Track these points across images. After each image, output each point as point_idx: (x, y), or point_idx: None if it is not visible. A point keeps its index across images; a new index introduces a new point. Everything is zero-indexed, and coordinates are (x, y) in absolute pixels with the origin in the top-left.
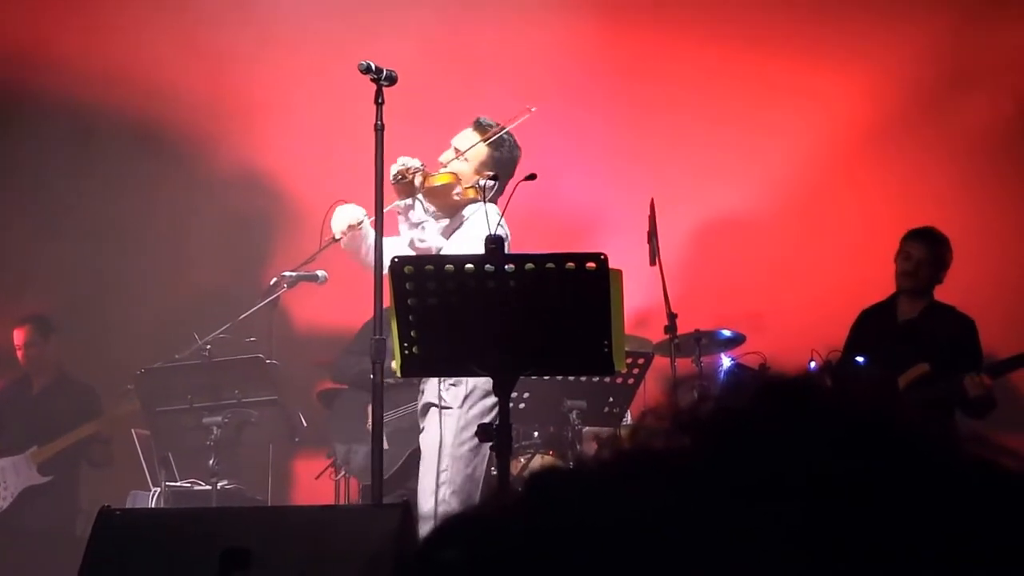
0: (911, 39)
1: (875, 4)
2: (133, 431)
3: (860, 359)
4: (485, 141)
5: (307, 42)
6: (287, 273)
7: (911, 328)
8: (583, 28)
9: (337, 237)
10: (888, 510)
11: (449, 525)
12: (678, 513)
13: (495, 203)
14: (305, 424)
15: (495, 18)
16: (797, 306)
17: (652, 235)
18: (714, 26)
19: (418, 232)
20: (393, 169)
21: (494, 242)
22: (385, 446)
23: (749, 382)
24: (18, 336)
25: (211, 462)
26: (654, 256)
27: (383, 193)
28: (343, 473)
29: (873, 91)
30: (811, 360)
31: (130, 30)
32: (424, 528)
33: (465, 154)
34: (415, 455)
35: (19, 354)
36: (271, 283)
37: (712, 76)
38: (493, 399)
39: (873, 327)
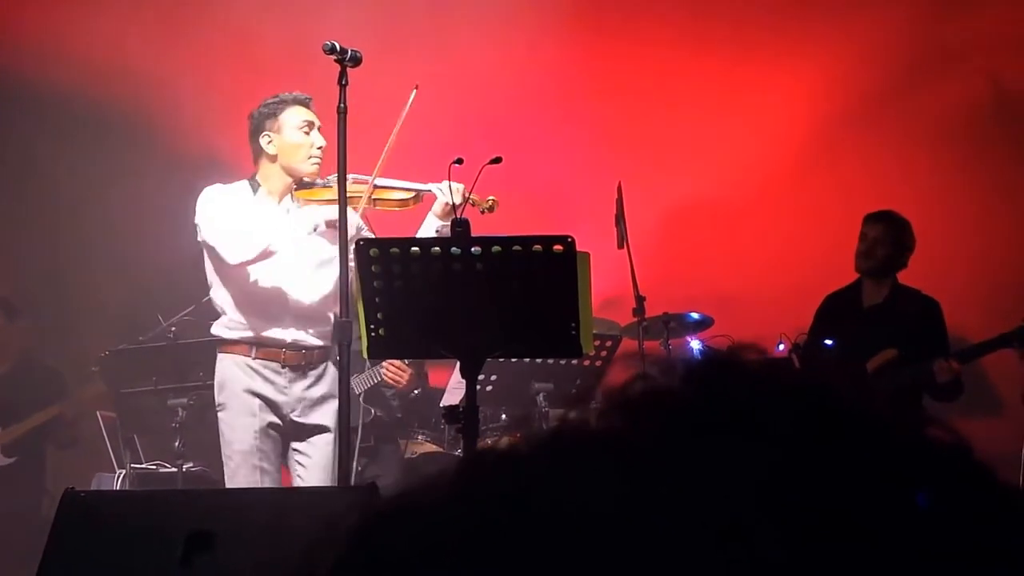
0: (884, 23)
1: None
2: (98, 413)
3: (828, 342)
4: None
5: (274, 21)
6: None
7: (877, 313)
8: (552, 23)
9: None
10: (799, 481)
11: (384, 511)
12: (607, 491)
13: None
14: None
15: (463, 11)
16: (766, 289)
17: (620, 219)
18: (677, 19)
19: None
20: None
21: (460, 224)
22: None
23: (681, 363)
24: None
25: (176, 444)
26: (622, 239)
27: (345, 176)
28: None
29: (845, 76)
30: (779, 343)
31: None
32: None
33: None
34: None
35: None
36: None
37: (681, 60)
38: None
39: (838, 311)
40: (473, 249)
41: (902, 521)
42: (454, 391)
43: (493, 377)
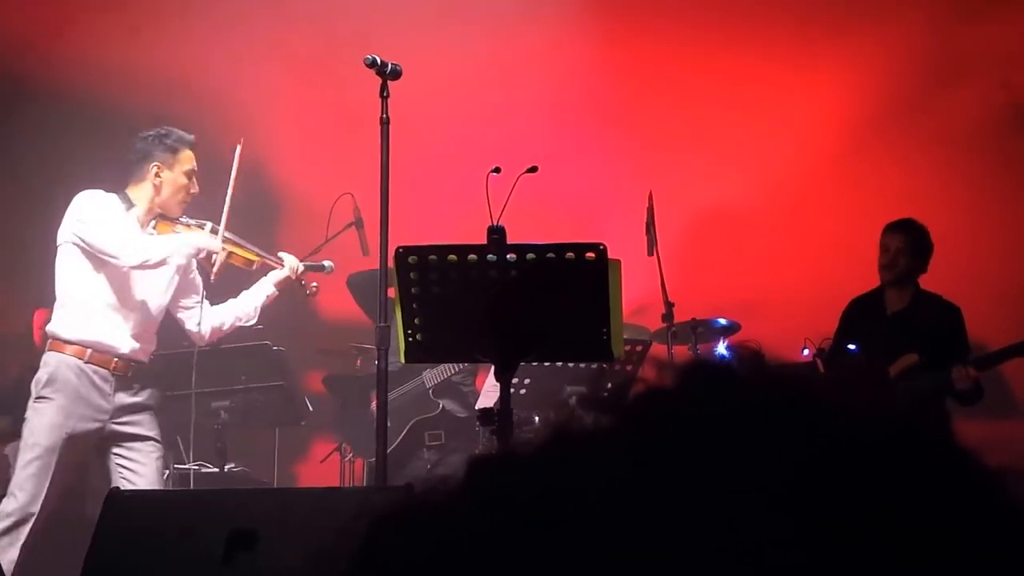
0: (900, 33)
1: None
2: None
3: (852, 347)
4: None
5: (315, 36)
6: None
7: (900, 318)
8: (581, 27)
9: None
10: (790, 495)
11: (392, 512)
12: (594, 490)
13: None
14: (311, 409)
15: (493, 16)
16: (792, 295)
17: (650, 226)
18: (708, 22)
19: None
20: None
21: (496, 232)
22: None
23: (680, 365)
24: (38, 317)
25: (219, 445)
26: (652, 246)
27: (388, 186)
28: (350, 456)
29: (863, 85)
30: (804, 347)
31: (141, 24)
32: None
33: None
34: (415, 429)
35: (36, 335)
36: None
37: (707, 71)
38: None
39: (863, 317)
40: (508, 256)
41: (878, 522)
42: (489, 394)
43: (527, 380)
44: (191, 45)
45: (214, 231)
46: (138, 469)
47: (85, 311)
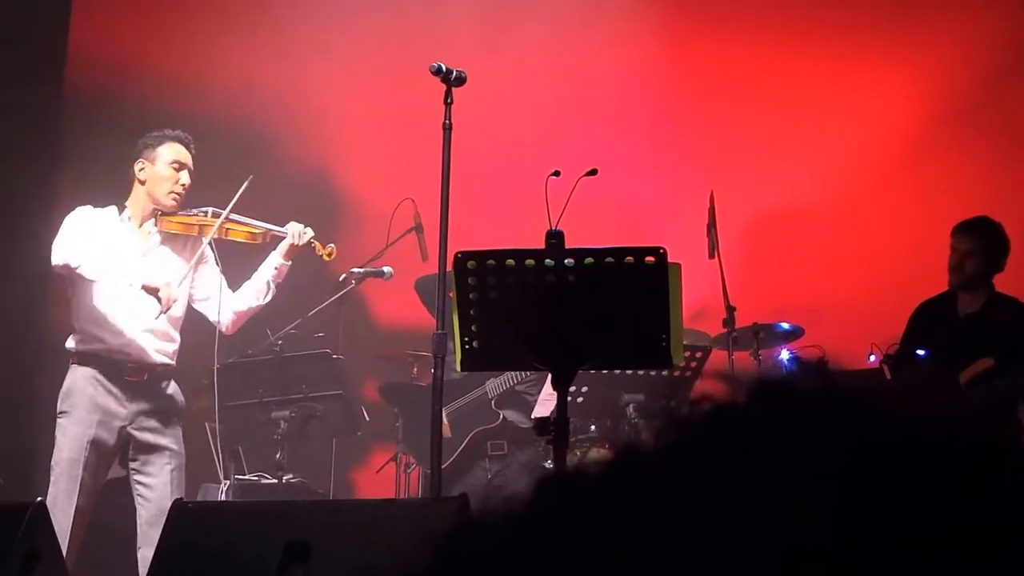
0: (969, 28)
1: None
2: (207, 425)
3: (921, 352)
4: None
5: (377, 43)
6: (355, 270)
7: (973, 321)
8: (642, 28)
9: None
10: (855, 525)
11: (465, 526)
12: (660, 511)
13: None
14: (367, 418)
15: (554, 19)
16: (856, 299)
17: (711, 228)
18: (772, 21)
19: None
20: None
21: (555, 236)
22: (448, 434)
23: (747, 382)
24: None
25: (278, 456)
26: (713, 249)
27: (449, 191)
28: (413, 467)
29: (931, 82)
30: (870, 353)
31: (210, 34)
32: None
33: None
34: (476, 439)
35: None
36: (340, 279)
37: (770, 70)
38: None
39: (933, 320)
40: (567, 261)
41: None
42: (545, 403)
43: (584, 388)
44: (257, 54)
45: (215, 215)
46: (149, 483)
47: (96, 321)
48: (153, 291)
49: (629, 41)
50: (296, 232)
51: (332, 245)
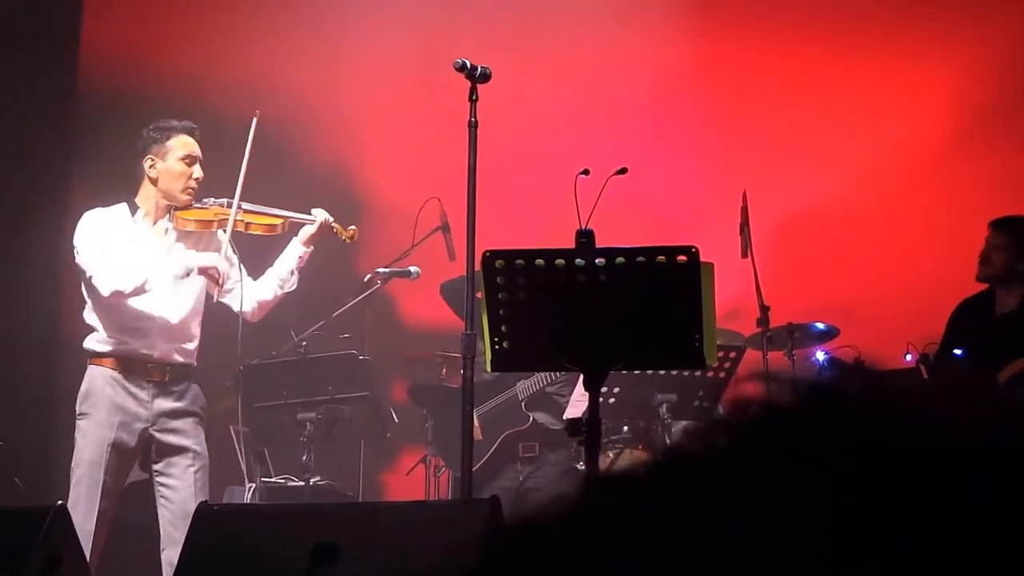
0: (1002, 27)
1: None
2: (231, 427)
3: (958, 352)
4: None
5: (401, 39)
6: (381, 270)
7: (1010, 320)
8: (672, 26)
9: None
10: (898, 533)
11: (510, 528)
12: (709, 514)
13: None
14: (396, 420)
15: (583, 16)
16: (891, 298)
17: (744, 227)
18: (804, 19)
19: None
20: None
21: (585, 236)
22: (479, 436)
23: (795, 384)
24: None
25: (305, 458)
26: (746, 248)
27: (475, 189)
28: (443, 469)
29: (965, 80)
30: (907, 353)
31: (228, 30)
32: None
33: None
34: (507, 442)
35: None
36: (365, 279)
37: (802, 67)
38: None
39: (971, 320)
40: (597, 260)
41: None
42: (577, 404)
43: (616, 389)
44: (277, 51)
45: (231, 204)
46: (173, 484)
47: (114, 320)
48: (206, 270)
49: (660, 39)
50: (320, 220)
51: (353, 227)
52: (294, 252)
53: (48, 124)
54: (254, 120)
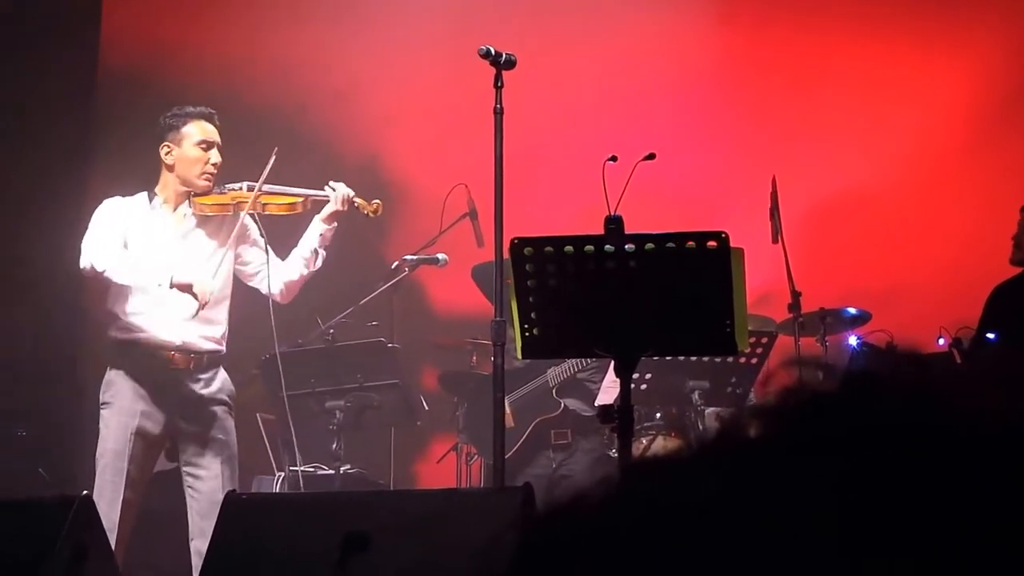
0: None
1: None
2: (258, 416)
3: (991, 336)
4: None
5: (427, 27)
6: (408, 257)
7: None
8: (700, 11)
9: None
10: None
11: (549, 516)
12: (755, 501)
13: None
14: (427, 407)
15: (611, 2)
16: (924, 282)
17: (774, 212)
18: (833, 5)
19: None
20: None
21: (614, 222)
22: (510, 424)
23: (843, 372)
24: None
25: (334, 446)
26: (776, 233)
27: (502, 176)
28: (475, 457)
29: (993, 64)
30: (939, 337)
31: (252, 15)
32: None
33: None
34: (538, 429)
35: None
36: (392, 267)
37: (833, 53)
38: None
39: (1007, 304)
40: (627, 247)
41: None
42: (608, 390)
43: (647, 375)
44: (302, 37)
45: (250, 189)
46: (200, 474)
47: (136, 309)
48: (186, 288)
49: (688, 25)
50: (340, 196)
51: (377, 201)
52: (316, 230)
53: (67, 109)
54: (272, 156)
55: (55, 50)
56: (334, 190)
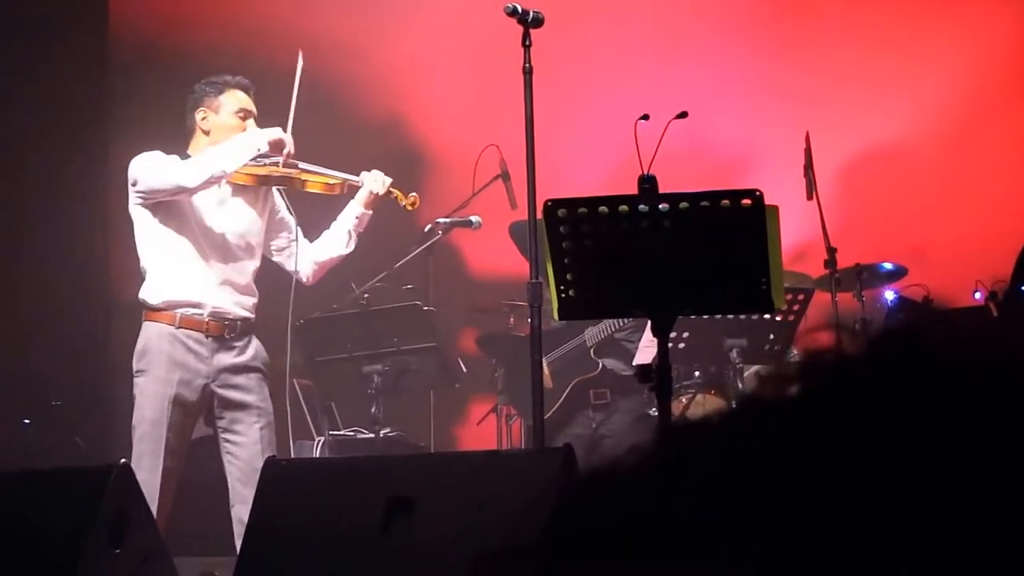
0: None
1: None
2: (295, 381)
3: None
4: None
5: None
6: (441, 220)
7: None
8: None
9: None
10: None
11: (587, 480)
12: (783, 464)
13: None
14: (465, 370)
15: None
16: (960, 236)
17: (808, 168)
18: None
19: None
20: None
21: (647, 182)
22: (549, 384)
23: (870, 336)
24: None
25: (373, 410)
26: (811, 189)
27: (533, 137)
28: (515, 418)
29: None
30: (975, 291)
31: None
32: None
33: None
34: (577, 389)
35: None
36: (426, 230)
37: (863, 5)
38: None
39: None
40: (661, 206)
41: None
42: (646, 350)
43: (685, 334)
44: (330, 2)
45: (287, 164)
46: (239, 440)
47: (168, 274)
48: (278, 143)
49: None
50: (375, 180)
51: (415, 194)
52: (351, 213)
53: (80, 74)
54: (299, 63)
55: (65, 16)
56: (368, 178)
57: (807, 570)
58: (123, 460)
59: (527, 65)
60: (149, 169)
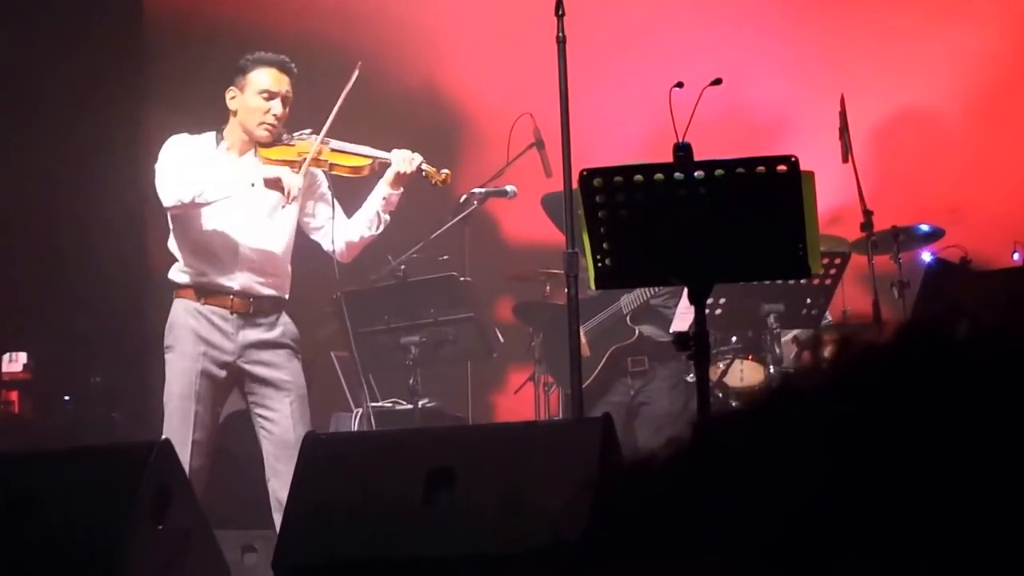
0: None
1: None
2: (332, 354)
3: None
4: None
5: None
6: (477, 190)
7: None
8: None
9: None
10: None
11: (626, 472)
12: (811, 452)
13: None
14: (502, 339)
15: None
16: (997, 197)
17: (843, 131)
18: None
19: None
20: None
21: (682, 149)
22: (586, 353)
23: (898, 326)
24: None
25: (411, 381)
26: (846, 153)
27: (568, 105)
28: (552, 387)
29: None
30: (1014, 252)
31: None
32: None
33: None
34: (614, 357)
35: None
36: (461, 200)
37: None
38: None
39: None
40: (696, 174)
41: None
42: (683, 316)
43: (722, 300)
44: None
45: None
46: (272, 416)
47: (196, 252)
48: (274, 183)
49: None
50: (403, 159)
51: (446, 171)
52: (379, 193)
53: (117, 47)
54: (355, 74)
55: None
56: (397, 156)
57: (832, 561)
58: (165, 437)
59: (560, 34)
60: (157, 170)
